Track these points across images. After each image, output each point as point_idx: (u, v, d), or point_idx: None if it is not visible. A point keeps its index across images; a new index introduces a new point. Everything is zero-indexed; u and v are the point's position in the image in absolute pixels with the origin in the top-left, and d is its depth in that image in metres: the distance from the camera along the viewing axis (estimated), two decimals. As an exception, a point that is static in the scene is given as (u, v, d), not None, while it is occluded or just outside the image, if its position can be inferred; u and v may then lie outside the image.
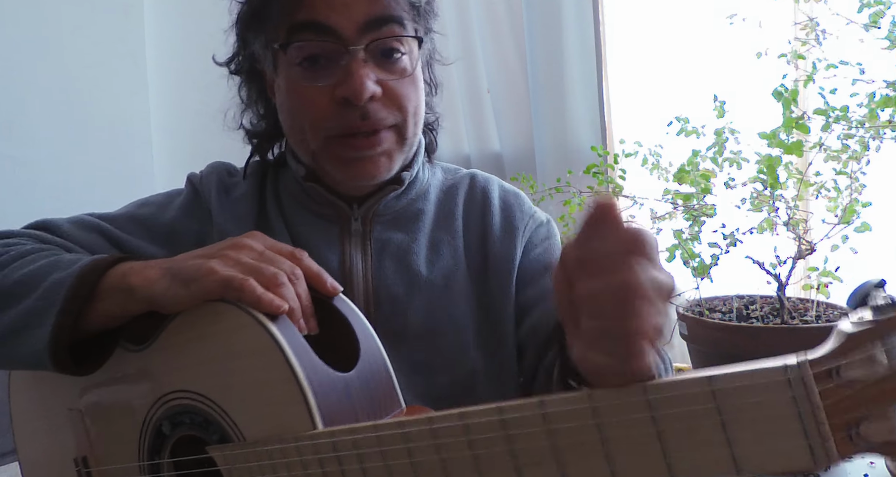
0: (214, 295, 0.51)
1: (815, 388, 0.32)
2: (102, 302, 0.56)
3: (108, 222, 0.74)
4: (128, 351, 0.60)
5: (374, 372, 0.55)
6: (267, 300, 0.50)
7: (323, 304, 0.57)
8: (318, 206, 0.75)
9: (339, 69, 0.64)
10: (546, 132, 1.85)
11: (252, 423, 0.51)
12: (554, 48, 1.79)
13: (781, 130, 1.21)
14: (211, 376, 0.54)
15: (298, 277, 0.55)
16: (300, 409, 0.47)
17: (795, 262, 1.26)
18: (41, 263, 0.60)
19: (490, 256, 0.77)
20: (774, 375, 0.33)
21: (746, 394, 0.33)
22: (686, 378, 0.35)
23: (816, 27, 1.27)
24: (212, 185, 0.77)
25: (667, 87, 1.64)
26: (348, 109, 0.64)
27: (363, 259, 0.73)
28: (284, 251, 0.57)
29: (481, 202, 0.80)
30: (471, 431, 0.40)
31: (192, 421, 0.55)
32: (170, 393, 0.57)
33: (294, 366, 0.48)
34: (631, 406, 0.35)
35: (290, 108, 0.68)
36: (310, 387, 0.48)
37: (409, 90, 0.68)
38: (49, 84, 1.86)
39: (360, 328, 0.57)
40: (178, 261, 0.55)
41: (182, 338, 0.56)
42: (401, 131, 0.69)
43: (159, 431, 0.58)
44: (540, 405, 0.38)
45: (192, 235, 0.74)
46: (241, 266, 0.52)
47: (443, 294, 0.73)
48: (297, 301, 0.53)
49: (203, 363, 0.54)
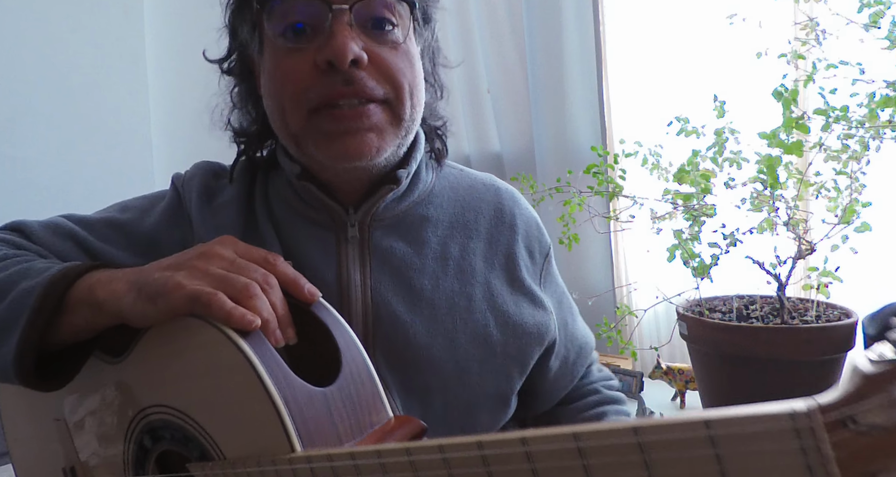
0: (182, 311, 0.49)
1: (825, 438, 0.29)
2: (70, 316, 0.54)
3: (84, 228, 0.70)
4: (105, 362, 0.59)
5: (357, 383, 0.52)
6: (238, 315, 0.47)
7: (302, 310, 0.54)
8: (311, 210, 0.69)
9: (323, 34, 0.59)
10: (546, 132, 1.85)
11: (231, 441, 0.50)
12: (554, 48, 1.79)
13: (781, 130, 1.21)
14: (187, 393, 0.52)
15: (272, 286, 0.52)
16: (276, 430, 0.46)
17: (795, 262, 1.26)
18: (12, 269, 0.58)
19: (517, 288, 0.72)
20: (780, 422, 0.30)
21: (749, 442, 0.30)
22: (681, 420, 0.32)
23: (816, 27, 1.27)
24: (193, 189, 0.72)
25: (667, 87, 1.64)
26: (331, 76, 0.59)
27: (361, 271, 0.68)
28: (257, 257, 0.53)
29: (509, 228, 0.74)
30: (450, 465, 0.38)
31: (173, 437, 0.54)
32: (148, 407, 0.55)
33: (268, 385, 0.46)
34: (621, 448, 0.33)
35: (272, 87, 0.63)
36: (285, 407, 0.46)
37: (403, 64, 0.62)
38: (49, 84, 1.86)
39: (341, 336, 0.54)
40: (145, 273, 0.52)
41: (155, 352, 0.54)
42: (393, 108, 0.62)
43: (141, 444, 0.57)
44: (523, 443, 0.36)
45: (173, 243, 0.69)
46: (210, 278, 0.50)
47: (446, 319, 0.68)
48: (272, 312, 0.50)
49: (178, 379, 0.52)
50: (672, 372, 1.59)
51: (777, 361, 1.16)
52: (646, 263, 1.72)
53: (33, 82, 1.82)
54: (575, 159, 1.78)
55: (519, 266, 0.73)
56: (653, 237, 1.48)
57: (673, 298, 1.46)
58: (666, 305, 1.62)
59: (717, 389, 1.27)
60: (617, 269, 1.82)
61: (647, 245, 1.64)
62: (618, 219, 1.59)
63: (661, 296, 1.51)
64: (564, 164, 1.75)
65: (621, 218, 1.58)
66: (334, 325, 0.55)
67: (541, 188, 1.59)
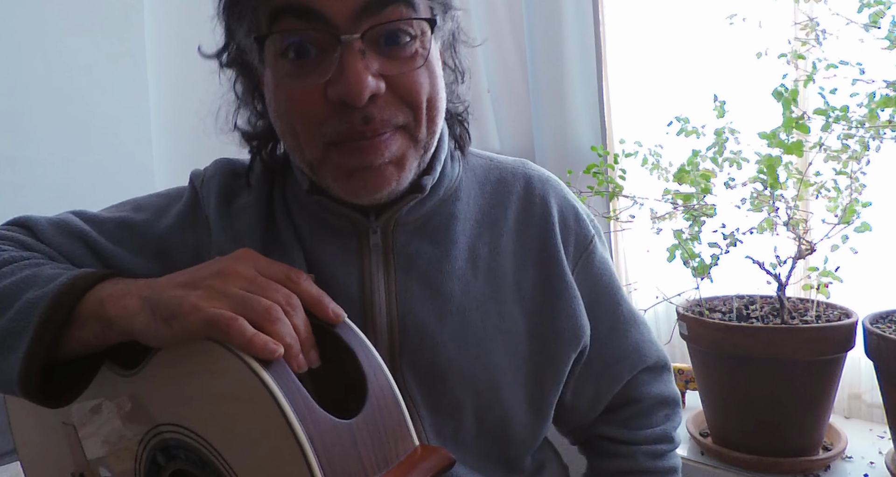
0: (199, 335, 0.46)
1: None
2: (78, 330, 0.51)
3: (95, 228, 0.66)
4: (117, 375, 0.57)
5: (384, 412, 0.50)
6: (260, 344, 0.44)
7: (325, 330, 0.52)
8: (331, 216, 0.65)
9: (332, 63, 0.53)
10: (546, 132, 1.85)
11: (250, 472, 0.47)
12: (554, 48, 1.79)
13: (781, 130, 1.21)
14: (203, 416, 0.50)
15: (295, 307, 0.48)
16: (300, 467, 0.43)
17: (795, 262, 1.26)
18: (19, 276, 0.55)
19: (549, 300, 0.66)
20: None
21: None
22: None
23: (816, 27, 1.27)
24: (212, 191, 0.68)
25: (667, 87, 1.64)
26: (346, 112, 0.54)
27: (385, 281, 0.63)
28: (278, 274, 0.50)
29: (540, 221, 0.68)
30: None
31: (188, 457, 0.52)
32: (162, 424, 0.53)
33: (292, 422, 0.43)
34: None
35: (279, 111, 0.58)
36: (310, 444, 0.43)
37: (422, 80, 0.56)
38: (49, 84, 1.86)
39: (366, 359, 0.51)
40: (158, 289, 0.49)
41: (171, 371, 0.51)
42: (412, 132, 0.58)
43: (154, 460, 0.55)
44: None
45: (187, 248, 0.66)
46: (228, 300, 0.46)
47: (478, 327, 0.64)
48: (295, 336, 0.47)
49: (194, 400, 0.50)
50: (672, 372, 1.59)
51: (777, 361, 1.16)
52: (646, 263, 1.72)
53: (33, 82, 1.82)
54: (575, 159, 1.78)
55: (553, 261, 0.67)
56: (653, 237, 1.48)
57: (673, 298, 1.46)
58: (666, 305, 1.62)
59: (717, 389, 1.26)
60: (617, 269, 1.81)
61: (647, 245, 1.64)
62: (618, 219, 1.59)
63: (661, 296, 1.51)
64: (564, 164, 1.75)
65: (621, 218, 1.58)
66: (359, 347, 0.52)
67: (541, 188, 1.58)
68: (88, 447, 0.62)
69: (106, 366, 0.58)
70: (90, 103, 1.95)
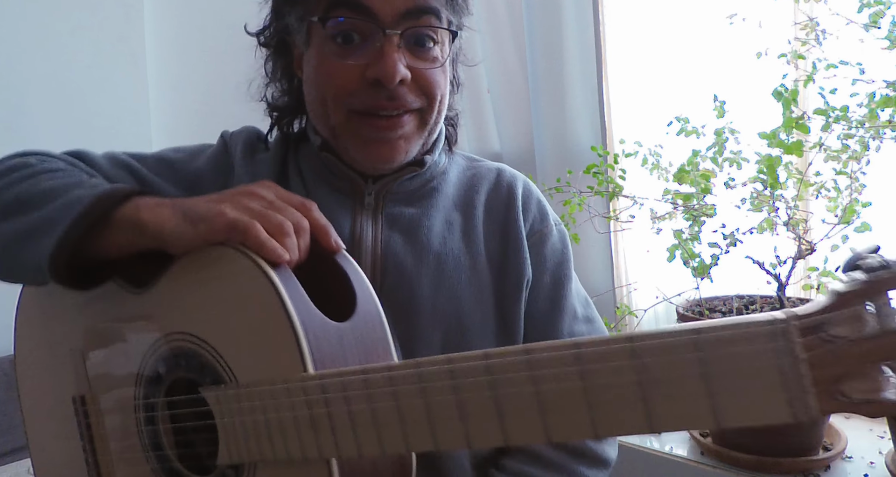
0: (220, 236, 0.53)
1: (798, 340, 0.32)
2: (112, 231, 0.57)
3: (139, 162, 0.77)
4: (128, 292, 0.62)
5: (369, 326, 0.56)
6: (270, 247, 0.51)
7: (325, 258, 0.58)
8: (334, 179, 0.76)
9: (373, 50, 0.66)
10: (546, 132, 1.85)
11: (246, 366, 0.52)
12: (554, 48, 1.79)
13: (781, 130, 1.21)
14: (209, 320, 0.55)
15: (304, 230, 0.55)
16: (293, 353, 0.48)
17: (795, 262, 1.26)
18: (66, 179, 0.63)
19: (509, 257, 0.77)
20: (760, 326, 0.33)
21: (731, 344, 0.33)
22: (672, 328, 0.35)
23: (816, 27, 1.27)
24: (239, 142, 0.79)
25: (667, 87, 1.64)
26: (377, 90, 0.66)
27: (373, 231, 0.74)
28: (294, 202, 0.57)
29: (506, 199, 0.81)
30: (456, 376, 0.40)
31: (188, 364, 0.56)
32: (167, 334, 0.58)
33: (290, 311, 0.49)
34: (615, 353, 0.35)
35: (317, 81, 0.69)
36: (304, 333, 0.49)
37: (439, 78, 0.70)
38: (49, 84, 1.86)
39: (358, 284, 0.58)
40: (190, 202, 0.57)
41: (184, 281, 0.57)
42: (423, 116, 0.70)
43: (155, 372, 0.59)
44: (525, 351, 0.38)
45: (215, 186, 0.76)
46: (250, 212, 0.53)
47: (452, 274, 0.74)
48: (297, 252, 0.54)
49: (202, 307, 0.55)
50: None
51: (777, 360, 1.16)
52: (646, 263, 1.72)
53: (34, 82, 1.82)
54: (575, 159, 1.78)
55: (513, 232, 0.78)
56: (653, 237, 1.48)
57: (673, 298, 1.46)
58: (666, 305, 1.62)
59: (717, 389, 1.27)
60: (617, 269, 1.82)
61: (647, 245, 1.64)
62: (618, 219, 1.59)
63: (661, 296, 1.51)
64: (564, 164, 1.75)
65: (621, 218, 1.58)
66: (354, 274, 0.58)
67: (541, 188, 1.58)
68: (93, 370, 0.66)
69: (118, 284, 0.63)
70: (90, 103, 1.95)
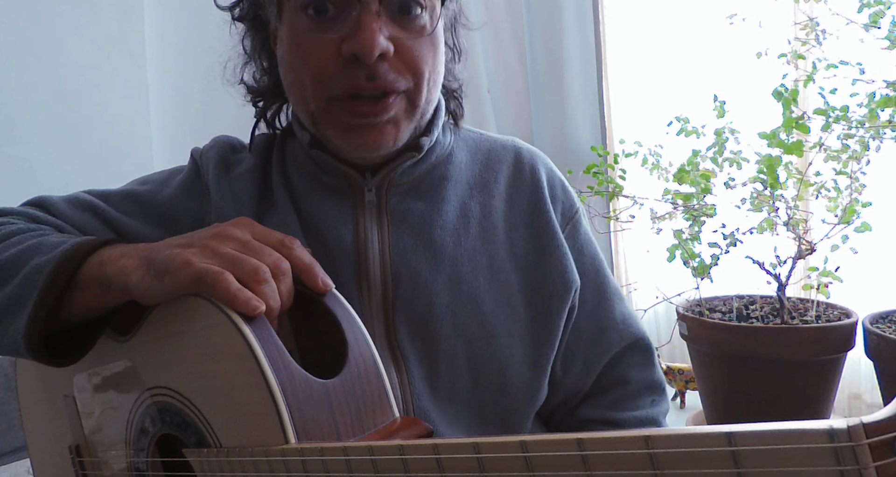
0: (188, 289, 0.48)
1: (870, 463, 0.25)
2: (80, 292, 0.53)
3: (104, 201, 0.71)
4: (114, 341, 0.59)
5: (363, 379, 0.51)
6: (242, 299, 0.46)
7: (313, 301, 0.53)
8: (327, 176, 0.68)
9: (349, 21, 0.58)
10: (546, 132, 1.85)
11: (227, 429, 0.49)
12: (554, 48, 1.79)
13: (781, 130, 1.21)
14: (187, 376, 0.51)
15: (285, 272, 0.50)
16: (272, 419, 0.45)
17: (795, 262, 1.26)
18: (25, 245, 0.58)
19: (544, 256, 0.69)
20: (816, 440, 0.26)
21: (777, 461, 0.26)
22: (701, 432, 0.28)
23: (816, 27, 1.27)
24: (210, 161, 0.72)
25: (667, 87, 1.64)
26: (355, 68, 0.58)
27: (379, 235, 0.66)
28: (272, 240, 0.52)
29: (531, 186, 0.72)
30: (444, 469, 0.37)
31: (172, 420, 0.53)
32: (152, 388, 0.55)
33: (267, 374, 0.45)
34: (631, 460, 0.30)
35: (292, 62, 0.62)
36: (283, 397, 0.45)
37: (426, 51, 0.61)
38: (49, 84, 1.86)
39: (350, 329, 0.52)
40: (156, 249, 0.52)
41: (160, 333, 0.53)
42: (411, 98, 0.62)
43: (142, 426, 0.57)
44: (522, 447, 0.33)
45: (190, 215, 0.70)
46: (219, 258, 0.49)
47: (470, 275, 0.66)
48: (278, 300, 0.49)
49: (180, 361, 0.52)
50: (672, 372, 1.59)
51: (777, 361, 1.16)
52: (646, 263, 1.72)
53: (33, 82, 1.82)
54: (575, 159, 1.78)
55: (544, 221, 0.70)
56: (653, 237, 1.48)
57: (673, 298, 1.46)
58: (666, 305, 1.62)
59: (717, 389, 1.27)
60: (617, 269, 1.82)
61: (647, 245, 1.64)
62: (618, 219, 1.59)
63: (661, 296, 1.51)
64: (564, 164, 1.75)
65: (621, 218, 1.58)
66: (345, 317, 0.53)
67: (541, 188, 1.58)
68: (86, 418, 0.63)
69: (106, 334, 0.60)
70: (90, 103, 1.95)
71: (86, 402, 0.63)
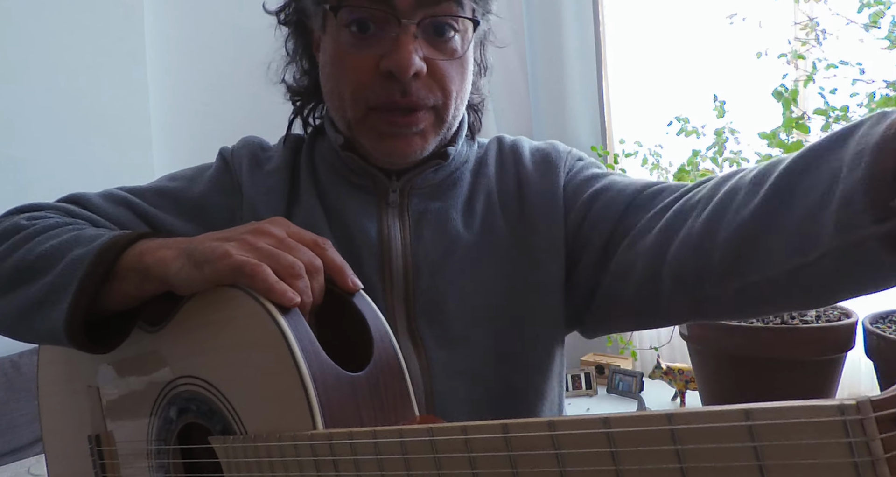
0: (226, 279, 0.50)
1: (877, 435, 0.26)
2: (119, 282, 0.55)
3: (136, 196, 0.74)
4: (144, 331, 0.60)
5: (386, 376, 0.52)
6: (279, 290, 0.48)
7: (342, 300, 0.55)
8: (355, 176, 0.73)
9: (388, 40, 0.63)
10: (546, 132, 1.85)
11: (254, 416, 0.50)
12: (554, 48, 1.79)
13: (781, 130, 1.21)
14: (217, 365, 0.53)
15: (317, 270, 0.53)
16: (302, 406, 0.46)
17: (795, 262, 1.26)
18: (64, 237, 0.60)
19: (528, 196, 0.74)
20: (826, 414, 0.28)
21: (790, 435, 0.28)
22: (718, 410, 0.30)
23: (816, 27, 1.27)
24: (243, 158, 0.76)
25: (667, 87, 1.64)
26: (391, 82, 0.63)
27: (401, 231, 0.71)
28: (307, 239, 0.54)
29: (511, 155, 0.78)
30: (473, 449, 0.38)
31: (198, 409, 0.55)
32: (179, 377, 0.56)
33: (299, 361, 0.46)
34: (652, 436, 0.31)
35: (333, 72, 0.67)
36: (313, 384, 0.46)
37: (456, 72, 0.67)
38: (49, 84, 1.86)
39: (376, 329, 0.54)
40: (196, 241, 0.54)
41: (193, 322, 0.55)
42: (440, 113, 0.67)
43: (167, 415, 0.58)
44: (550, 426, 0.35)
45: (221, 209, 0.73)
46: (258, 252, 0.51)
47: (480, 264, 0.71)
48: (310, 295, 0.51)
49: (211, 351, 0.53)
50: (672, 372, 1.59)
51: (777, 361, 1.16)
52: (646, 263, 1.72)
53: (33, 82, 1.82)
54: (575, 159, 1.78)
55: (526, 182, 0.74)
56: (653, 237, 1.48)
57: None
58: (666, 305, 1.62)
59: (717, 389, 1.27)
60: (617, 269, 1.82)
61: (647, 245, 1.64)
62: (618, 219, 1.59)
63: (661, 296, 1.51)
64: (564, 164, 1.75)
65: (621, 218, 1.58)
66: (372, 317, 0.55)
67: (541, 188, 1.59)
68: (108, 408, 0.64)
69: (136, 324, 0.61)
70: (90, 103, 1.95)
71: (110, 391, 0.64)
